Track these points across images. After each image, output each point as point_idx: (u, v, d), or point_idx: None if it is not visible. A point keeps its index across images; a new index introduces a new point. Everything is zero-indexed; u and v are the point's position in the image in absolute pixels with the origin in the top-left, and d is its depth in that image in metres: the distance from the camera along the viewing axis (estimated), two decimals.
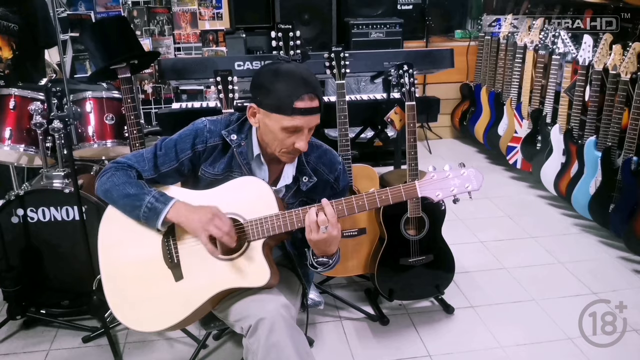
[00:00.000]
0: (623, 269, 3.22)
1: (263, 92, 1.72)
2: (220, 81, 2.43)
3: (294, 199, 1.90)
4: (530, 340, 2.62)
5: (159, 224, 1.74)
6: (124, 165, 1.82)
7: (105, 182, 1.80)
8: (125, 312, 1.81)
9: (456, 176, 1.71)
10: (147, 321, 1.80)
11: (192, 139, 1.84)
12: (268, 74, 1.73)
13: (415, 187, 1.70)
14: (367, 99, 3.28)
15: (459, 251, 2.84)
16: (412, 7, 5.17)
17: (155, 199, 1.74)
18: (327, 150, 1.95)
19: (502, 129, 4.55)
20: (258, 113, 1.76)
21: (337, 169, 1.95)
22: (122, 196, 1.77)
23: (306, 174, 1.89)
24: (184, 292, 1.77)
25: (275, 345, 1.65)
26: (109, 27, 2.62)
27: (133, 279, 1.81)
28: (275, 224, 1.73)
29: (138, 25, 3.75)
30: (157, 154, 1.83)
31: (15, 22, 3.02)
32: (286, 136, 1.72)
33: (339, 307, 2.88)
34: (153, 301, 1.79)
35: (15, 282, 2.55)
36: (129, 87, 2.51)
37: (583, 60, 3.58)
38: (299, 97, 1.67)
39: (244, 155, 1.84)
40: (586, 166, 3.55)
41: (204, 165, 1.86)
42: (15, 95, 2.54)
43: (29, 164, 2.87)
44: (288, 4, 4.49)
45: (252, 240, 1.75)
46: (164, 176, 1.84)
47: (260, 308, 1.71)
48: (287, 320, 1.70)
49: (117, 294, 1.82)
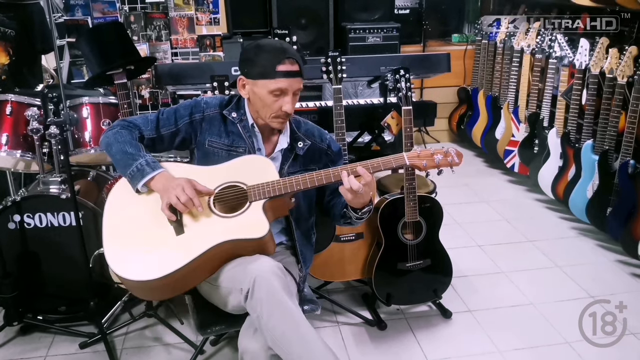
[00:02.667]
0: (621, 272, 3.22)
1: (249, 63, 1.93)
2: (217, 86, 2.43)
3: (293, 168, 2.06)
4: (528, 345, 2.62)
5: (140, 184, 1.88)
6: (130, 125, 2.01)
7: (110, 137, 1.97)
8: (123, 263, 1.83)
9: (439, 152, 1.92)
10: (144, 270, 1.80)
11: (190, 109, 2.05)
12: (251, 48, 1.95)
13: (404, 157, 1.92)
14: (364, 104, 3.29)
15: (456, 255, 2.84)
16: (409, 12, 5.18)
17: (147, 163, 1.90)
18: (314, 126, 2.18)
19: (500, 132, 4.56)
20: (247, 84, 1.97)
21: (326, 137, 2.16)
22: (120, 152, 1.92)
23: (300, 139, 2.09)
24: (183, 243, 1.83)
25: (278, 300, 1.73)
26: (105, 32, 2.63)
27: (134, 233, 1.87)
28: (276, 186, 1.88)
29: (135, 30, 3.74)
30: (159, 117, 2.04)
31: (11, 27, 3.02)
32: (273, 100, 1.91)
33: (337, 312, 2.88)
34: (152, 251, 1.83)
35: (12, 288, 2.54)
36: (125, 93, 2.51)
37: (580, 64, 3.59)
38: (281, 62, 1.88)
39: (247, 128, 2.03)
40: (583, 170, 3.56)
41: (209, 136, 2.03)
42: (12, 101, 2.54)
43: (25, 169, 2.87)
44: (285, 9, 4.50)
45: (253, 201, 1.88)
46: (162, 138, 2.04)
47: (256, 268, 1.79)
48: (282, 279, 1.80)
49: (117, 248, 1.86)
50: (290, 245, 2.15)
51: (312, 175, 1.89)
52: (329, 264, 2.73)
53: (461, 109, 5.24)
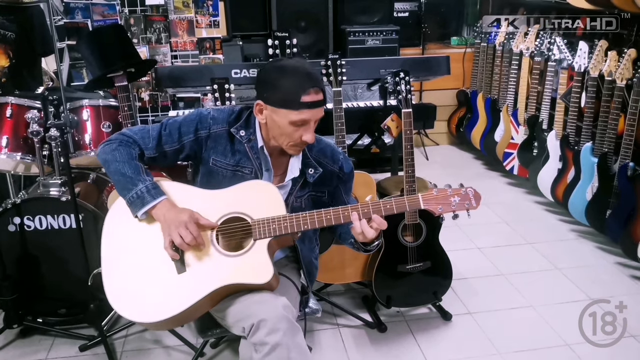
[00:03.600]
0: (620, 274, 3.23)
1: (269, 88, 1.78)
2: (217, 89, 2.43)
3: (301, 192, 1.96)
4: (528, 347, 2.62)
5: (140, 213, 1.78)
6: (129, 141, 1.87)
7: (108, 153, 1.85)
8: (122, 301, 1.77)
9: (456, 194, 1.82)
10: (144, 312, 1.75)
11: (195, 124, 1.91)
12: (273, 70, 1.80)
13: (419, 200, 1.80)
14: (363, 106, 3.29)
15: (456, 258, 2.84)
16: (409, 15, 5.20)
17: (147, 190, 1.78)
18: (327, 145, 2.03)
19: (499, 135, 4.56)
20: (265, 109, 1.82)
21: (339, 158, 2.02)
22: (118, 173, 1.81)
23: (311, 166, 1.95)
24: (185, 285, 1.76)
25: (278, 345, 1.66)
26: (105, 35, 2.63)
27: (134, 268, 1.79)
28: (282, 224, 1.77)
29: (135, 33, 3.75)
30: (161, 133, 1.90)
31: (12, 30, 3.02)
32: (294, 130, 1.78)
33: (337, 314, 2.88)
34: (153, 292, 1.76)
35: (12, 290, 2.54)
36: (125, 95, 2.51)
37: (579, 67, 3.60)
38: (306, 92, 1.73)
39: (255, 149, 1.91)
40: (583, 172, 3.56)
41: (214, 155, 1.91)
42: (12, 103, 2.54)
43: (25, 172, 2.86)
44: (285, 12, 4.50)
45: (258, 239, 1.78)
46: (165, 155, 1.92)
47: (262, 308, 1.72)
48: (289, 320, 1.71)
49: (116, 283, 1.79)
50: (294, 259, 2.11)
51: (320, 214, 1.78)
52: (329, 267, 2.73)
53: (460, 111, 5.24)
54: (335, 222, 1.78)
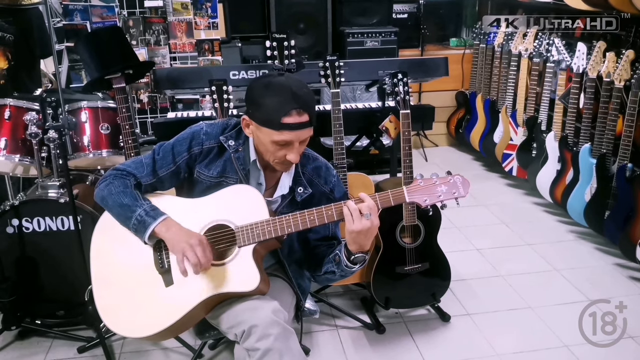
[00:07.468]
0: (619, 275, 3.23)
1: (254, 105, 1.75)
2: (216, 90, 2.43)
3: (288, 209, 1.89)
4: (527, 348, 2.62)
5: (145, 237, 1.76)
6: (123, 173, 1.84)
7: (103, 190, 1.82)
8: (114, 318, 1.79)
9: (443, 183, 1.76)
10: (136, 327, 1.77)
11: (189, 142, 1.87)
12: (259, 87, 1.76)
13: (403, 193, 1.75)
14: (362, 108, 3.28)
15: (454, 259, 2.85)
16: (407, 16, 5.20)
17: (146, 213, 1.76)
18: (322, 164, 1.98)
19: (498, 136, 4.57)
20: (251, 124, 1.80)
21: (332, 181, 1.97)
22: (117, 205, 1.79)
23: (302, 184, 1.91)
24: (173, 297, 1.76)
25: (269, 350, 1.65)
26: (104, 37, 2.63)
27: (123, 284, 1.80)
28: (266, 229, 1.75)
29: (134, 35, 3.76)
30: (155, 158, 1.86)
31: (10, 32, 3.02)
32: (277, 149, 1.75)
33: (335, 315, 2.88)
34: (142, 307, 1.77)
35: (10, 292, 2.54)
36: (123, 97, 2.51)
37: (577, 68, 3.60)
38: (287, 113, 1.69)
39: (241, 160, 1.87)
40: (581, 173, 3.56)
41: (199, 166, 1.88)
42: (11, 105, 2.55)
43: (24, 174, 2.87)
44: (284, 14, 4.50)
45: (242, 246, 1.76)
46: (162, 180, 1.87)
47: (253, 315, 1.71)
48: (280, 324, 1.70)
49: (107, 300, 1.81)
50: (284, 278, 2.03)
51: (304, 214, 1.73)
52: None
53: (459, 112, 5.25)
54: (319, 222, 1.74)
